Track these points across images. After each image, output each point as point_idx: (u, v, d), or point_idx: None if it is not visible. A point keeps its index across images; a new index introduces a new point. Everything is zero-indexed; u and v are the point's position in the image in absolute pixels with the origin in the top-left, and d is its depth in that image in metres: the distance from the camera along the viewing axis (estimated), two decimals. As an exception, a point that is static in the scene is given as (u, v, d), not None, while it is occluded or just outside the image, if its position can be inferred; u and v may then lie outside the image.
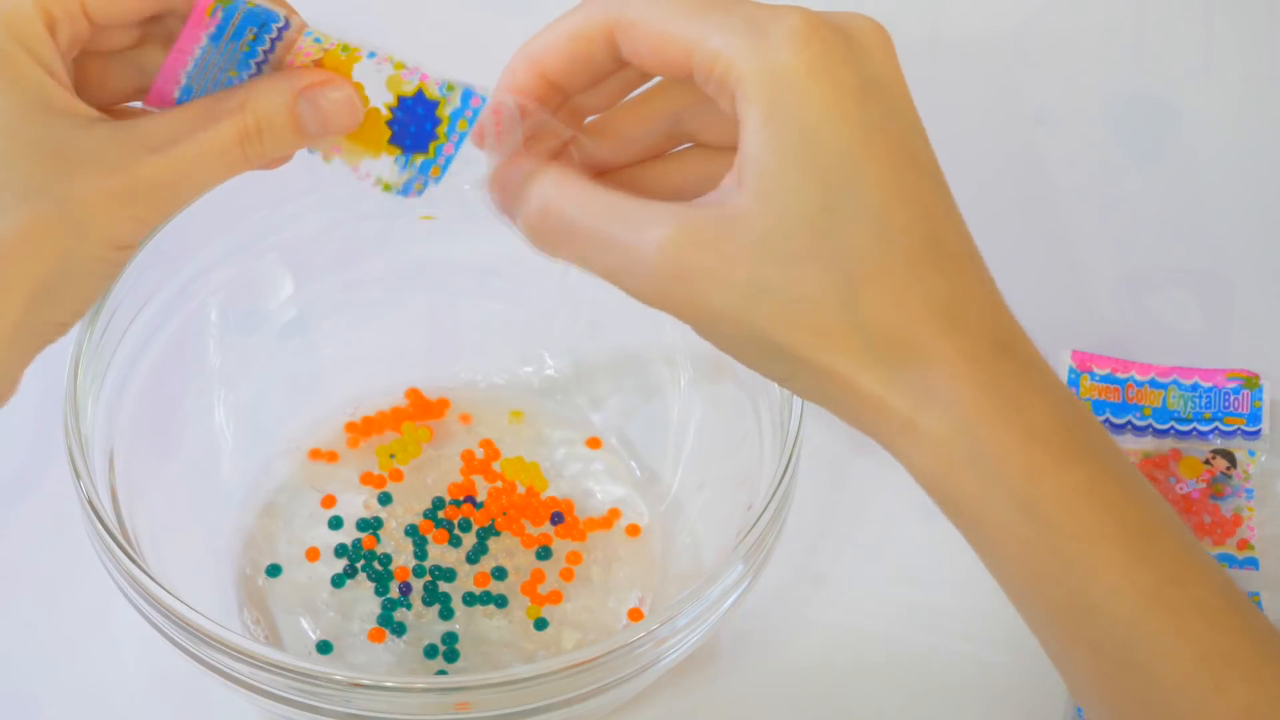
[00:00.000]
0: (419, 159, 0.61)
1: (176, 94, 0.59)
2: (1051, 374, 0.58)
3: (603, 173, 0.61)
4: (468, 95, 0.60)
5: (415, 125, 0.60)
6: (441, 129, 0.61)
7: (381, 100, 0.60)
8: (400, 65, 0.60)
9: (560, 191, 0.58)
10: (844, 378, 0.56)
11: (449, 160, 0.61)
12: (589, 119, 0.62)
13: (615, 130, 0.61)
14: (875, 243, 0.55)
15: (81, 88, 0.59)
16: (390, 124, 0.61)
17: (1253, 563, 0.80)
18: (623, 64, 0.58)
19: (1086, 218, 0.96)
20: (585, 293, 0.83)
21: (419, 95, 0.60)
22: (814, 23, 0.55)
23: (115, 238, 0.57)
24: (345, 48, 0.60)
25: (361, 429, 0.83)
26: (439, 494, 0.81)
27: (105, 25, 0.58)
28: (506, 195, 0.60)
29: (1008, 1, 1.04)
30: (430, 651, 0.76)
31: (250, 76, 0.59)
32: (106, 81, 0.60)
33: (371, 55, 0.60)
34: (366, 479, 0.82)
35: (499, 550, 0.79)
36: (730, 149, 0.56)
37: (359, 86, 0.60)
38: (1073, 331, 0.90)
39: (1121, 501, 0.56)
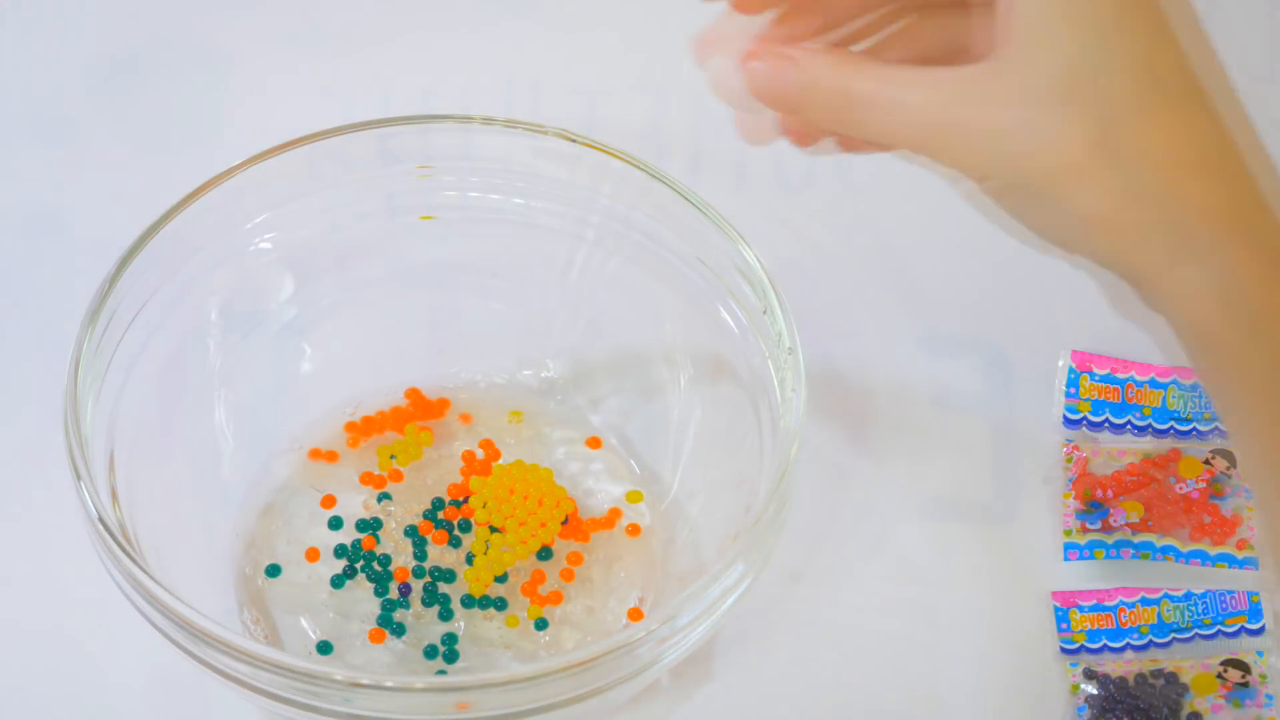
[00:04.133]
0: None
1: None
2: None
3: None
4: None
5: None
6: None
7: None
8: None
9: (830, 61, 0.61)
10: (1102, 218, 0.58)
11: None
12: None
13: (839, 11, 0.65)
14: (1133, 86, 0.57)
15: None
16: None
17: (1252, 562, 0.80)
18: None
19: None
20: (585, 293, 0.83)
21: None
22: None
23: None
24: None
25: (361, 429, 0.83)
26: (439, 494, 0.81)
27: None
28: (765, 72, 0.62)
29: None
30: (430, 652, 0.76)
31: None
32: None
33: None
34: (366, 479, 0.82)
35: (499, 551, 0.79)
36: (958, 7, 0.62)
37: None
38: (1072, 331, 0.90)
39: None
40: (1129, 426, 0.79)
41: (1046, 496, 0.83)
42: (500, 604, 0.78)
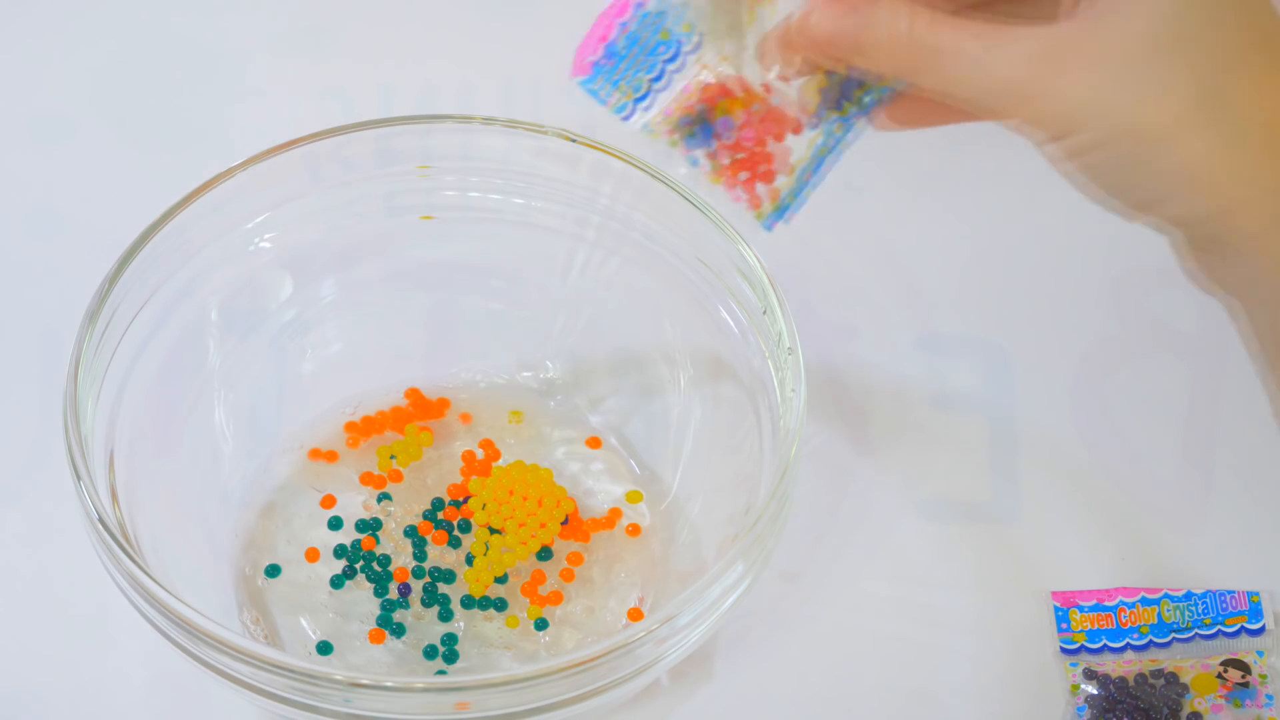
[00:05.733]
0: None
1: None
2: None
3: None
4: None
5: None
6: None
7: None
8: None
9: (921, 16, 0.61)
10: (1202, 177, 0.58)
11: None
12: None
13: None
14: (1237, 44, 0.58)
15: None
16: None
17: None
18: None
19: (1086, 217, 0.96)
20: (585, 293, 0.83)
21: None
22: None
23: None
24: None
25: (361, 429, 0.83)
26: (439, 495, 0.81)
27: None
28: (850, 24, 0.62)
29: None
30: (430, 652, 0.76)
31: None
32: None
33: None
34: (366, 479, 0.82)
35: (499, 552, 0.79)
36: None
37: None
38: (1072, 331, 0.90)
39: None
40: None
41: (1047, 496, 0.83)
42: (500, 604, 0.78)
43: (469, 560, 0.79)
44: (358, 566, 0.79)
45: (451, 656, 0.76)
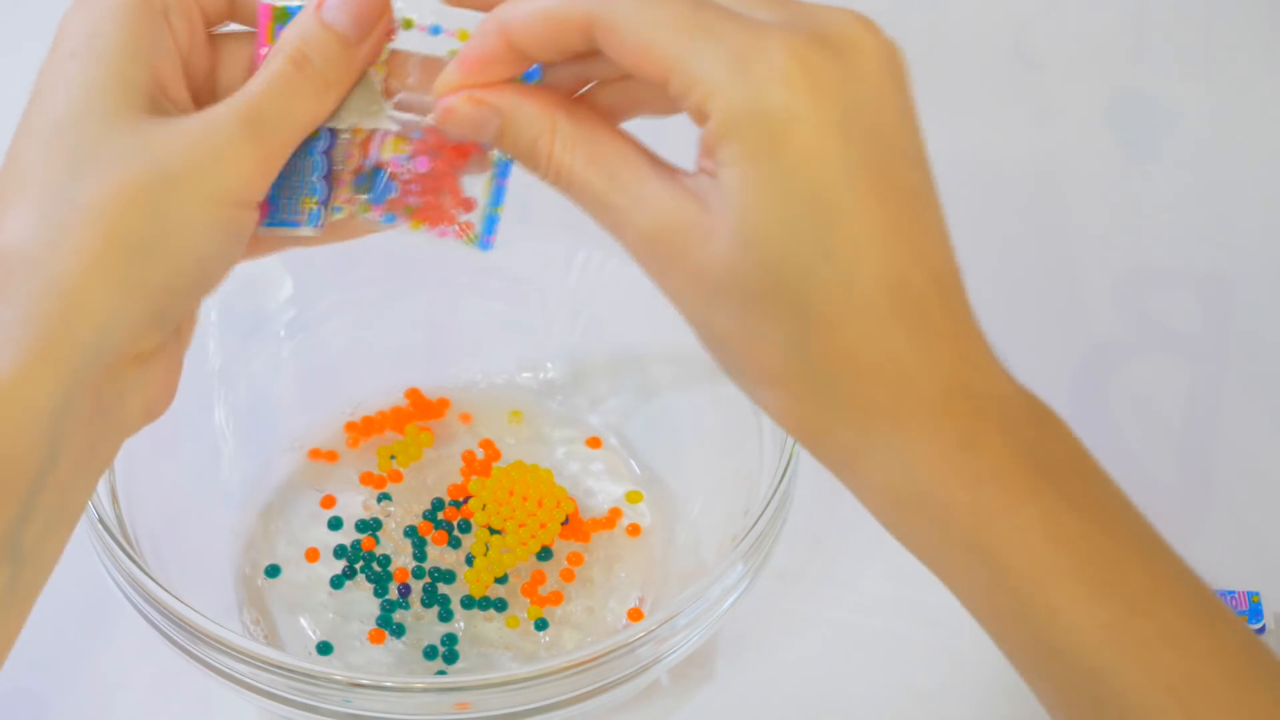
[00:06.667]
0: None
1: None
2: (1019, 394, 0.56)
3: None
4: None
5: None
6: None
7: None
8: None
9: (565, 138, 0.56)
10: (789, 411, 0.55)
11: None
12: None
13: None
14: (837, 289, 0.53)
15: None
16: None
17: None
18: (597, 51, 0.56)
19: (1086, 218, 0.96)
20: (585, 293, 0.83)
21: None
22: (802, 56, 0.52)
23: (212, 188, 0.56)
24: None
25: (361, 429, 0.83)
26: (439, 495, 0.81)
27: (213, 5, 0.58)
28: (488, 124, 0.58)
29: (1008, 1, 1.04)
30: (430, 653, 0.76)
31: None
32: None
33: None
34: (366, 479, 0.82)
35: (499, 553, 0.79)
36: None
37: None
38: (1072, 331, 0.90)
39: (1080, 534, 0.54)
40: None
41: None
42: (500, 605, 0.78)
43: (469, 560, 0.79)
44: (358, 567, 0.79)
45: (451, 657, 0.76)
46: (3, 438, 0.53)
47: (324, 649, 0.76)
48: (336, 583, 0.78)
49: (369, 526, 0.80)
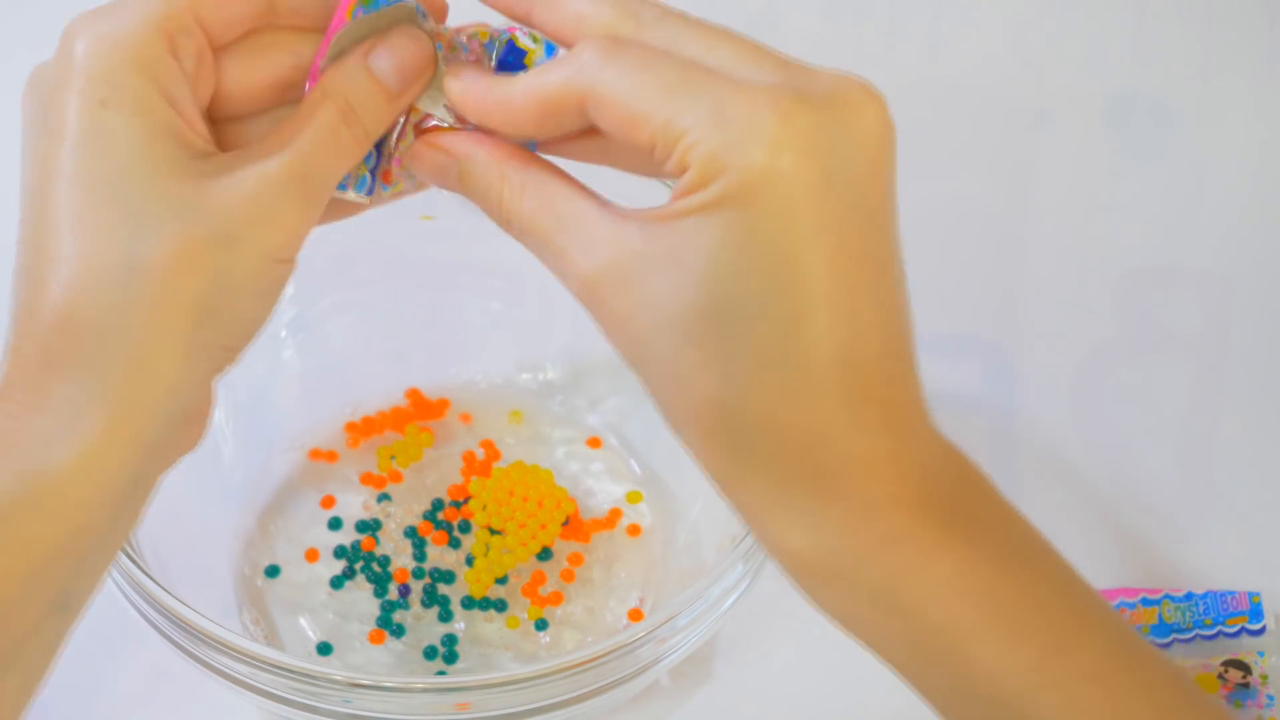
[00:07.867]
0: None
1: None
2: (944, 454, 0.56)
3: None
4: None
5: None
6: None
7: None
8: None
9: (514, 187, 0.57)
10: (705, 455, 0.55)
11: None
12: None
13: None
14: (773, 347, 0.52)
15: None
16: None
17: None
18: (592, 125, 0.56)
19: (1086, 218, 0.96)
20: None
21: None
22: (789, 114, 0.52)
23: (266, 247, 0.56)
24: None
25: (361, 429, 0.83)
26: (439, 495, 0.81)
27: (220, 31, 0.57)
28: (446, 170, 0.59)
29: (1007, 2, 1.04)
30: (430, 653, 0.76)
31: None
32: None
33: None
34: (366, 479, 0.82)
35: (499, 553, 0.79)
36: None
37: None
38: (1072, 331, 0.90)
39: (996, 583, 0.54)
40: None
41: (1047, 496, 0.83)
42: (500, 605, 0.78)
43: (469, 561, 0.79)
44: (357, 567, 0.79)
45: (451, 657, 0.76)
46: (78, 512, 0.54)
47: (324, 649, 0.76)
48: (336, 583, 0.78)
49: (369, 527, 0.80)
